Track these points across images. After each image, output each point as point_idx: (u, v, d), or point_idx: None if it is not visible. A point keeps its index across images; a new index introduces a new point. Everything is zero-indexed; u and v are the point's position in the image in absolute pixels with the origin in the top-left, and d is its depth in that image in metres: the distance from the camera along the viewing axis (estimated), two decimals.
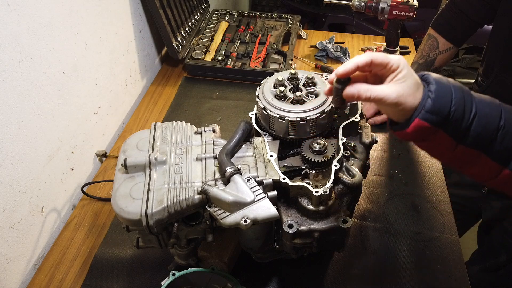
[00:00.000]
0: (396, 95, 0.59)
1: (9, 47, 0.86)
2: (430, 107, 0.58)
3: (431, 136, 0.60)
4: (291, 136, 0.84)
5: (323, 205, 0.74)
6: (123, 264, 0.99)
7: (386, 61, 0.61)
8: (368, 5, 1.45)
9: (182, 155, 0.82)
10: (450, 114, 0.58)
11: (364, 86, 0.62)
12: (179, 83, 1.58)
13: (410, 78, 0.60)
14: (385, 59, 0.61)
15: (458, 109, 0.58)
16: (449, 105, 0.58)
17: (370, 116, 1.38)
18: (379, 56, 0.62)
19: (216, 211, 0.72)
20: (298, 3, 2.91)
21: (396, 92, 0.59)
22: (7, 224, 0.92)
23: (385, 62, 0.61)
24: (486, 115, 0.59)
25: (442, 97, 0.58)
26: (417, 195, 1.16)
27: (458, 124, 0.58)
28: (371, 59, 0.62)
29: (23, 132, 0.93)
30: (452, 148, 0.61)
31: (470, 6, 1.15)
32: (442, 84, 0.59)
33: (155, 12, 1.44)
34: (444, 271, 0.98)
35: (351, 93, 0.63)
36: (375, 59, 0.61)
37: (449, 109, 0.58)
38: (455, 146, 0.60)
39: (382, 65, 0.62)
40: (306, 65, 1.70)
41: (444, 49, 1.25)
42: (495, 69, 1.09)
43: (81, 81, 1.14)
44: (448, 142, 0.60)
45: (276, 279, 0.96)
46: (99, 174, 1.23)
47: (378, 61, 0.61)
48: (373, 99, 0.61)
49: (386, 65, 0.61)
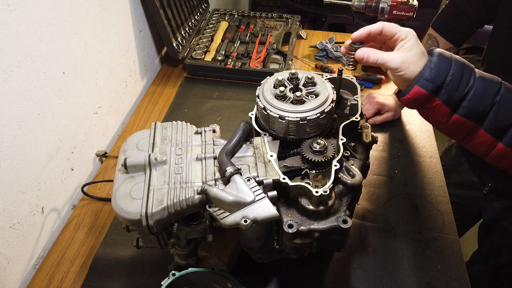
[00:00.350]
0: (400, 60, 0.67)
1: (9, 47, 0.86)
2: (427, 76, 0.65)
3: (428, 103, 0.67)
4: (291, 136, 0.84)
5: (323, 205, 0.74)
6: (123, 264, 0.99)
7: (395, 31, 0.69)
8: (368, 5, 1.45)
9: (182, 155, 0.82)
10: (445, 84, 0.65)
11: (373, 50, 0.70)
12: (179, 83, 1.58)
13: (415, 48, 0.67)
14: (394, 28, 0.69)
15: (454, 80, 0.65)
16: (445, 75, 0.65)
17: (370, 116, 1.38)
18: (390, 25, 0.70)
19: (216, 211, 0.72)
20: (298, 3, 2.91)
21: (400, 57, 0.67)
22: (7, 224, 0.92)
23: (394, 31, 0.69)
24: (482, 89, 0.65)
25: (440, 67, 0.65)
26: (417, 195, 1.16)
27: (452, 93, 0.65)
28: (382, 27, 0.70)
29: (23, 132, 0.93)
30: (447, 117, 0.67)
31: (470, 6, 1.15)
32: (443, 57, 0.66)
33: (155, 12, 1.44)
34: (444, 271, 0.98)
35: (361, 54, 0.71)
36: (386, 27, 0.70)
37: (444, 79, 0.65)
38: (450, 115, 0.67)
39: (391, 34, 0.70)
40: (306, 65, 1.70)
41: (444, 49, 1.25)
42: (495, 70, 1.09)
43: (81, 81, 1.14)
44: (444, 110, 0.66)
45: (276, 279, 0.96)
46: (99, 174, 1.23)
47: (388, 29, 0.70)
48: (380, 62, 0.69)
49: (395, 34, 0.69)
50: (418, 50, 0.67)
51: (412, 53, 0.67)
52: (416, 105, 0.69)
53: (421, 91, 0.66)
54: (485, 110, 0.65)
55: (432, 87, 0.65)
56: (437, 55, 0.66)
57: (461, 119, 0.66)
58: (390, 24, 0.70)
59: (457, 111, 0.66)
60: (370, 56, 0.70)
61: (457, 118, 0.66)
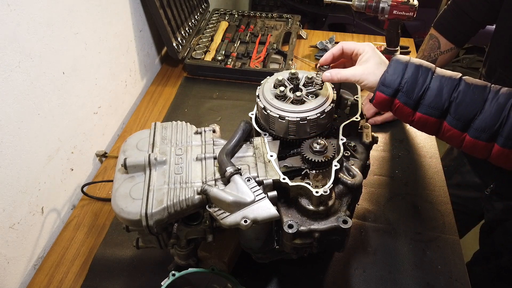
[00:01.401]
0: (360, 73, 0.75)
1: (9, 47, 0.86)
2: (383, 81, 0.72)
3: (391, 105, 0.74)
4: (291, 136, 0.83)
5: (323, 205, 0.74)
6: (123, 264, 0.99)
7: (353, 47, 0.79)
8: (368, 5, 1.45)
9: (182, 155, 0.82)
10: (402, 87, 0.71)
11: (335, 70, 0.79)
12: (179, 83, 1.58)
13: (372, 59, 0.75)
14: (352, 46, 0.79)
15: (409, 82, 0.71)
16: (400, 79, 0.71)
17: (370, 116, 1.38)
18: (348, 43, 0.79)
19: (216, 211, 0.72)
20: (298, 2, 2.91)
21: (359, 70, 0.75)
22: (7, 224, 0.92)
23: (352, 48, 0.79)
24: (438, 87, 0.70)
25: (394, 72, 0.72)
26: (417, 195, 1.16)
27: (410, 94, 0.71)
28: (341, 47, 0.80)
29: (23, 132, 0.93)
30: (411, 115, 0.73)
31: (472, 7, 1.14)
32: (398, 63, 0.72)
33: (155, 12, 1.44)
34: (445, 272, 0.98)
35: (326, 76, 0.80)
36: (345, 46, 0.80)
37: (399, 82, 0.71)
38: (413, 114, 0.73)
39: (351, 50, 0.79)
40: (306, 65, 1.70)
41: (445, 49, 1.25)
42: (498, 70, 1.09)
43: (81, 81, 1.14)
44: (406, 110, 0.73)
45: (276, 279, 0.96)
46: (99, 174, 1.23)
47: (347, 47, 0.80)
48: (343, 78, 0.77)
49: (353, 50, 0.79)
50: (375, 60, 0.75)
51: (370, 64, 0.74)
52: (382, 108, 0.76)
53: (381, 96, 0.73)
54: (444, 107, 0.70)
55: (390, 91, 0.72)
56: (392, 62, 0.72)
57: (423, 116, 0.72)
58: (349, 42, 0.79)
59: (418, 109, 0.72)
60: (333, 76, 0.78)
61: (420, 116, 0.72)
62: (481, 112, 0.69)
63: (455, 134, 0.72)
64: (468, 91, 0.70)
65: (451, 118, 0.71)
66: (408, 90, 0.71)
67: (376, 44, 1.80)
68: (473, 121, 0.69)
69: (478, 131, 0.69)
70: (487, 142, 0.70)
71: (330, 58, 0.82)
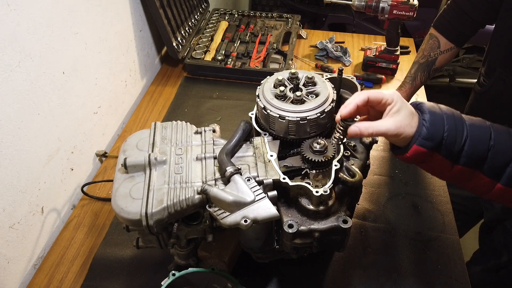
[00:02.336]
0: (395, 127, 0.67)
1: (9, 47, 0.86)
2: (425, 135, 0.66)
3: (428, 158, 0.67)
4: (291, 136, 0.83)
5: (323, 205, 0.74)
6: (123, 264, 0.99)
7: (380, 97, 0.69)
8: (368, 4, 1.45)
9: (182, 155, 0.82)
10: (444, 140, 0.66)
11: (364, 124, 0.69)
12: (179, 83, 1.58)
13: (404, 109, 0.68)
14: (379, 96, 0.69)
15: (450, 135, 0.66)
16: (442, 131, 0.66)
17: None
18: (373, 93, 0.69)
19: (216, 211, 0.72)
20: (298, 2, 2.91)
21: (394, 124, 0.67)
22: (7, 224, 0.92)
23: (379, 98, 0.69)
24: (477, 137, 0.66)
25: (435, 125, 0.66)
26: (417, 195, 1.16)
27: (451, 147, 0.66)
28: (367, 97, 0.69)
29: (23, 132, 0.93)
30: (449, 168, 0.68)
31: (472, 7, 1.14)
32: (435, 113, 0.67)
33: (155, 12, 1.44)
34: (445, 271, 0.98)
35: (353, 131, 0.70)
36: (371, 97, 0.69)
37: (442, 136, 0.66)
38: (451, 166, 0.68)
39: (377, 101, 0.69)
40: (306, 64, 1.70)
41: (445, 49, 1.25)
42: (497, 69, 1.09)
43: (80, 81, 1.14)
44: (445, 163, 0.67)
45: (276, 279, 0.96)
46: (99, 174, 1.23)
47: (373, 97, 0.69)
48: (375, 134, 0.68)
49: (380, 100, 0.69)
50: (407, 110, 0.68)
51: (403, 115, 0.67)
52: (416, 161, 0.70)
53: (420, 149, 0.66)
54: (483, 156, 0.67)
55: (431, 144, 0.66)
56: (428, 112, 0.67)
57: (462, 169, 0.67)
58: (374, 92, 0.70)
59: (458, 162, 0.67)
60: (363, 131, 0.69)
61: (459, 168, 0.67)
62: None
63: (486, 182, 0.68)
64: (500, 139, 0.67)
65: (486, 167, 0.67)
66: (450, 143, 0.66)
67: (376, 44, 1.80)
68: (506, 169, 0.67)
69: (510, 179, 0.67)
70: None
71: (354, 111, 0.70)
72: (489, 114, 1.15)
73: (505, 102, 1.11)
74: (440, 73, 2.85)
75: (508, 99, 1.09)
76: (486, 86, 1.16)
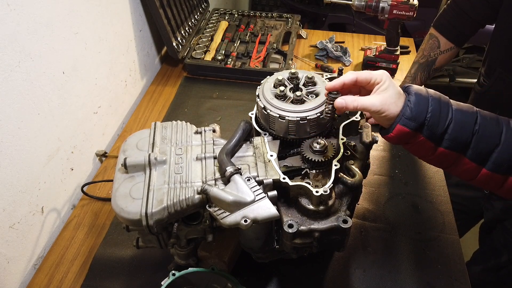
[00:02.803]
0: (380, 102, 0.68)
1: (9, 47, 0.86)
2: (408, 115, 0.67)
3: (412, 139, 0.69)
4: (291, 135, 0.83)
5: (323, 205, 0.74)
6: (123, 264, 0.99)
7: (369, 77, 0.71)
8: (368, 4, 1.45)
9: (182, 155, 0.82)
10: (426, 121, 0.67)
11: (350, 97, 0.71)
12: (179, 82, 1.58)
13: (391, 89, 0.69)
14: (368, 75, 0.71)
15: (433, 116, 0.67)
16: (425, 113, 0.67)
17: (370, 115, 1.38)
18: (362, 73, 0.71)
19: (216, 211, 0.72)
20: (298, 2, 2.91)
21: (379, 100, 0.68)
22: (7, 224, 0.92)
23: (368, 78, 0.71)
24: (461, 122, 0.67)
25: (419, 105, 0.67)
26: (417, 195, 1.16)
27: (434, 129, 0.67)
28: (356, 77, 0.72)
29: (23, 132, 0.93)
30: (432, 150, 0.69)
31: (472, 6, 1.14)
32: (420, 95, 0.68)
33: (155, 12, 1.44)
34: (445, 271, 0.98)
35: (339, 103, 0.72)
36: (360, 76, 0.72)
37: (425, 116, 0.67)
38: (434, 148, 0.69)
39: (366, 81, 0.71)
40: (306, 64, 1.70)
41: (445, 49, 1.25)
42: (497, 69, 1.09)
43: (80, 81, 1.14)
44: (428, 144, 0.68)
45: (276, 279, 0.96)
46: (99, 174, 1.23)
47: (362, 77, 0.71)
48: (360, 108, 0.70)
49: (369, 80, 0.71)
50: (395, 90, 0.69)
51: (390, 93, 0.68)
52: (400, 141, 0.71)
53: (403, 129, 0.67)
54: (467, 140, 0.67)
55: (414, 125, 0.67)
56: (414, 94, 0.68)
57: (445, 151, 0.68)
58: (363, 72, 0.72)
59: (441, 144, 0.68)
60: (349, 104, 0.71)
61: (441, 151, 0.68)
62: (499, 146, 0.67)
63: (471, 168, 0.69)
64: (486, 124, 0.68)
65: (471, 152, 0.68)
66: (433, 124, 0.67)
67: (376, 43, 1.80)
68: (491, 154, 0.67)
69: (496, 164, 0.67)
70: (503, 175, 0.68)
71: (339, 85, 0.73)
72: None
73: (505, 102, 1.11)
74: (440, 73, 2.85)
75: (508, 99, 1.09)
76: (486, 86, 1.16)
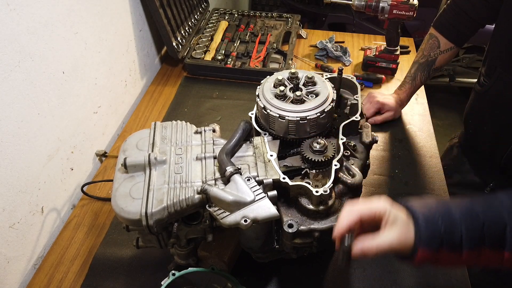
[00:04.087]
0: (397, 239, 0.64)
1: (8, 47, 0.86)
2: (426, 239, 0.63)
3: (435, 258, 0.65)
4: (291, 135, 0.83)
5: (323, 204, 0.74)
6: (123, 264, 0.99)
7: (372, 212, 0.66)
8: (368, 4, 1.45)
9: (182, 155, 0.82)
10: (443, 240, 0.64)
11: (366, 244, 0.65)
12: (179, 82, 1.58)
13: (399, 217, 0.65)
14: (371, 213, 0.66)
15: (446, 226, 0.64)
16: (440, 232, 0.64)
17: (370, 115, 1.38)
18: (364, 210, 0.67)
19: (216, 211, 0.72)
20: (298, 2, 2.91)
21: (396, 236, 0.64)
22: (7, 224, 0.92)
23: (372, 214, 0.66)
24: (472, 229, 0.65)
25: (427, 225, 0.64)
26: (417, 194, 1.16)
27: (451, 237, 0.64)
28: (359, 218, 0.66)
29: (22, 132, 0.93)
30: (458, 257, 0.66)
31: (472, 6, 1.14)
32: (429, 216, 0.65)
33: (155, 12, 1.44)
34: (445, 271, 0.98)
35: (359, 252, 0.66)
36: (364, 215, 0.66)
37: (441, 236, 0.63)
38: (459, 255, 0.65)
39: (370, 218, 0.67)
40: (306, 64, 1.70)
41: (445, 49, 1.25)
42: (497, 69, 1.09)
43: (80, 81, 1.14)
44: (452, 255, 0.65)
45: (276, 279, 0.96)
46: (99, 174, 1.23)
47: (365, 216, 0.66)
48: (381, 250, 0.65)
49: (373, 217, 0.66)
50: (402, 218, 0.66)
51: (400, 223, 0.65)
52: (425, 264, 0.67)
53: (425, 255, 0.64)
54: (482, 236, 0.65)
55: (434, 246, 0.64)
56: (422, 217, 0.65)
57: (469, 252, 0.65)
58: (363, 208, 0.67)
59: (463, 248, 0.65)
60: (367, 252, 0.65)
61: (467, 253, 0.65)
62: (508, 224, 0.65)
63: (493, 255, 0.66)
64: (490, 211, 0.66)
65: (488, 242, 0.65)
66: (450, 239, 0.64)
67: (376, 43, 1.80)
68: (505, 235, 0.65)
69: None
70: None
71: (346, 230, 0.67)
72: (489, 114, 1.16)
73: (505, 102, 1.11)
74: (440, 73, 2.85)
75: (508, 99, 1.09)
76: (486, 86, 1.16)
